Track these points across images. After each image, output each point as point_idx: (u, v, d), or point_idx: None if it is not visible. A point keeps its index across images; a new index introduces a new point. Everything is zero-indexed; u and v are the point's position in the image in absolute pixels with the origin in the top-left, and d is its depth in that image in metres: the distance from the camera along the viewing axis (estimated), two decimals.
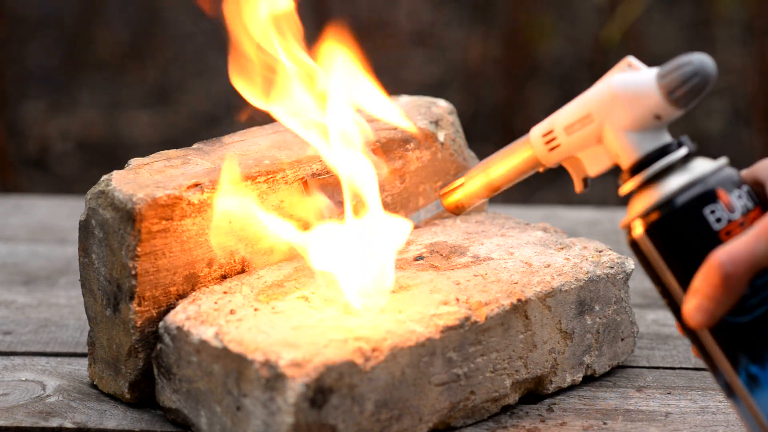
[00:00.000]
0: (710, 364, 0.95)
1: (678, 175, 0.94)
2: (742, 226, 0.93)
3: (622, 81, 0.96)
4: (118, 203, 1.10)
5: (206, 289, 1.13)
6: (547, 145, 1.02)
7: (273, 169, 1.17)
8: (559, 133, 1.00)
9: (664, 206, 0.93)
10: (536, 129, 1.03)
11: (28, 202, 1.74)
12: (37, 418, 1.12)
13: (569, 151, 1.01)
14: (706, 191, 0.93)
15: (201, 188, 1.13)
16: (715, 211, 0.93)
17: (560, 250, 1.19)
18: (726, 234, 0.92)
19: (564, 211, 1.71)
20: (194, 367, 1.07)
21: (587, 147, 1.00)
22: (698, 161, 0.95)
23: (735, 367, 0.93)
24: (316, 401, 1.01)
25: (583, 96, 0.99)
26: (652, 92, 0.95)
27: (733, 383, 0.93)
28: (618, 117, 0.96)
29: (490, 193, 1.08)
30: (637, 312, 1.32)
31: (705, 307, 0.92)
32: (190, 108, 3.40)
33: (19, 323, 1.32)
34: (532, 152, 1.03)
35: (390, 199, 1.26)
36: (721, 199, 0.93)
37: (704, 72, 0.94)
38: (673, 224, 0.93)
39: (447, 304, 1.09)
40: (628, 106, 0.96)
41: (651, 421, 1.12)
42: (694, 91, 0.94)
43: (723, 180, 0.94)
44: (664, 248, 0.94)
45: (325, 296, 1.12)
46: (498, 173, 1.07)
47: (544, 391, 1.15)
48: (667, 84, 0.95)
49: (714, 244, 0.92)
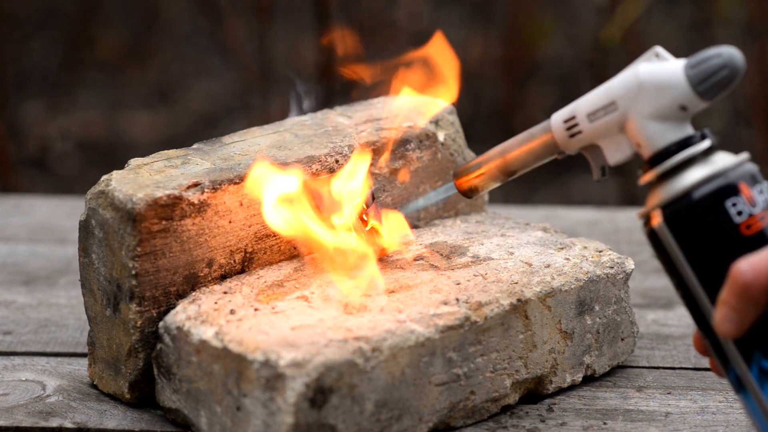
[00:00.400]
0: (722, 358, 0.95)
1: (700, 167, 0.94)
2: (763, 220, 0.93)
3: (650, 70, 0.96)
4: (118, 203, 1.10)
5: (206, 289, 1.13)
6: (568, 131, 1.01)
7: None
8: (582, 120, 1.00)
9: (686, 197, 0.94)
10: (557, 115, 1.02)
11: (28, 202, 1.74)
12: (37, 418, 1.12)
13: (591, 139, 1.01)
14: (728, 184, 0.93)
15: (201, 188, 1.13)
16: (736, 204, 0.93)
17: (560, 250, 1.19)
18: (746, 227, 0.93)
19: (564, 211, 1.71)
20: (194, 367, 1.07)
21: (609, 135, 0.99)
22: (720, 154, 0.95)
23: (748, 362, 0.93)
24: (316, 401, 1.01)
25: (607, 83, 0.99)
26: (680, 83, 0.95)
27: (744, 378, 0.94)
28: (643, 106, 0.96)
29: (505, 178, 1.08)
30: (637, 312, 1.32)
31: (732, 318, 0.92)
32: (190, 108, 3.40)
33: (19, 323, 1.32)
34: (551, 138, 1.03)
35: (390, 199, 1.26)
36: (743, 192, 0.93)
37: (733, 65, 0.95)
38: (695, 215, 0.93)
39: (447, 304, 1.09)
40: (654, 96, 0.96)
41: (651, 421, 1.12)
42: (722, 83, 0.95)
43: (745, 174, 0.94)
44: (683, 239, 0.94)
45: (325, 296, 1.12)
46: (516, 158, 1.06)
47: (544, 391, 1.15)
48: (695, 75, 0.95)
49: (734, 236, 0.93)
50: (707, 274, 0.94)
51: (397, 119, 1.26)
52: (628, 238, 1.58)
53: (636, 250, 1.52)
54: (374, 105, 1.32)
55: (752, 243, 0.93)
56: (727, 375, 0.95)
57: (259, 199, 1.15)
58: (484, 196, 1.33)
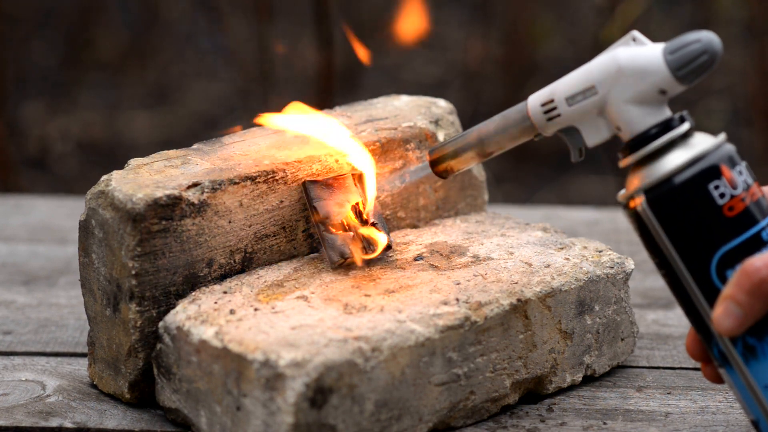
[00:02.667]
0: (705, 333, 0.96)
1: (681, 150, 0.96)
2: (744, 201, 0.94)
3: (629, 55, 0.97)
4: (118, 203, 1.10)
5: (206, 289, 1.13)
6: (546, 114, 1.02)
7: (273, 169, 1.17)
8: (560, 103, 1.01)
9: (670, 181, 0.95)
10: (534, 97, 1.03)
11: (28, 202, 1.74)
12: (37, 418, 1.12)
13: (569, 122, 1.02)
14: (710, 166, 0.95)
15: (201, 188, 1.13)
16: (719, 186, 0.94)
17: (560, 250, 1.19)
18: (729, 209, 0.94)
19: (564, 211, 1.71)
20: (194, 367, 1.07)
21: (588, 118, 1.00)
22: (698, 136, 0.97)
23: (732, 338, 0.94)
24: (316, 401, 1.01)
25: (585, 67, 1.00)
26: (659, 67, 0.96)
27: (729, 353, 0.95)
28: (623, 90, 0.97)
29: (481, 159, 1.09)
30: (637, 312, 1.32)
31: (736, 314, 0.92)
32: (190, 108, 3.40)
33: (19, 323, 1.32)
34: (529, 121, 1.04)
35: (390, 199, 1.26)
36: (725, 174, 0.94)
37: (712, 50, 0.96)
38: (678, 199, 0.94)
39: (447, 304, 1.09)
40: (633, 80, 0.97)
41: (651, 421, 1.12)
42: (702, 68, 0.96)
43: (725, 156, 0.95)
44: (667, 222, 0.95)
45: (325, 296, 1.12)
46: (492, 140, 1.07)
47: (544, 391, 1.15)
48: (675, 60, 0.96)
49: (718, 218, 0.94)
50: (692, 255, 0.95)
51: (398, 119, 1.26)
52: (628, 238, 1.58)
53: (636, 250, 1.52)
54: (374, 105, 1.32)
55: (735, 224, 0.94)
56: (711, 350, 0.96)
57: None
58: (484, 196, 1.33)
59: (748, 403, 0.96)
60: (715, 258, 0.94)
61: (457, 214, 1.31)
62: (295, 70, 3.38)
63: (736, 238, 0.94)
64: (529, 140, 1.06)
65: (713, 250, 0.94)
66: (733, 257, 0.94)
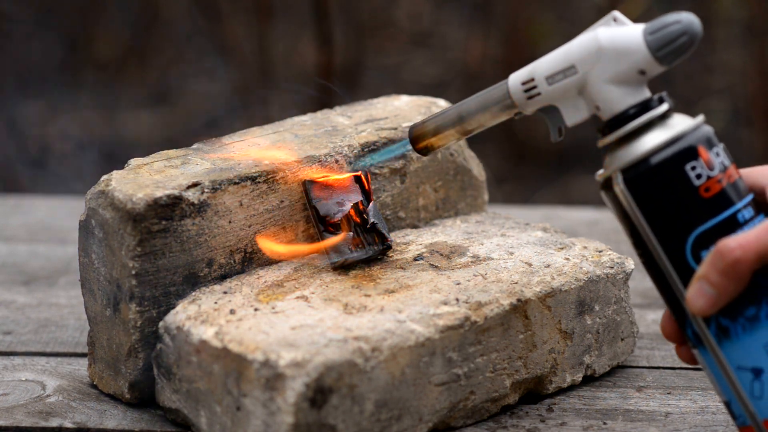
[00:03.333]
0: (680, 314, 0.97)
1: (659, 130, 0.97)
2: (720, 182, 0.95)
3: (610, 35, 0.98)
4: (118, 203, 1.10)
5: (206, 289, 1.13)
6: (526, 93, 1.03)
7: (273, 169, 1.17)
8: (540, 82, 1.02)
9: (646, 161, 0.96)
10: (515, 76, 1.04)
11: (28, 202, 1.74)
12: (37, 418, 1.12)
13: (549, 100, 1.02)
14: (687, 147, 0.95)
15: (201, 188, 1.13)
16: (695, 167, 0.95)
17: (560, 250, 1.19)
18: (705, 190, 0.95)
19: (564, 211, 1.71)
20: (194, 367, 1.07)
21: (567, 97, 1.01)
22: (677, 117, 0.97)
23: (706, 319, 0.95)
24: (316, 401, 1.01)
25: (566, 47, 1.00)
26: (640, 48, 0.97)
27: (702, 334, 0.95)
28: (602, 70, 0.98)
29: (461, 137, 1.10)
30: (637, 312, 1.32)
31: (709, 294, 0.93)
32: (190, 108, 3.40)
33: (19, 323, 1.32)
34: (509, 99, 1.04)
35: (390, 199, 1.26)
36: (702, 156, 0.95)
37: (692, 31, 0.96)
38: (655, 179, 0.95)
39: (447, 304, 1.09)
40: (613, 60, 0.97)
41: (651, 421, 1.12)
42: (681, 49, 0.97)
43: (702, 137, 0.96)
44: (643, 202, 0.96)
45: (325, 296, 1.12)
46: (473, 117, 1.08)
47: (544, 391, 1.15)
48: (655, 40, 0.97)
49: (694, 199, 0.94)
50: (667, 235, 0.95)
51: (398, 119, 1.26)
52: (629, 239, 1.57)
53: None
54: (374, 105, 1.32)
55: (711, 205, 0.95)
56: (685, 331, 0.97)
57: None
58: (484, 196, 1.33)
59: (721, 384, 0.96)
60: (691, 238, 0.95)
61: (457, 214, 1.31)
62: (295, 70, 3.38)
63: (712, 219, 0.95)
64: (509, 119, 1.07)
65: (689, 230, 0.95)
66: (708, 238, 0.94)
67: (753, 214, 0.96)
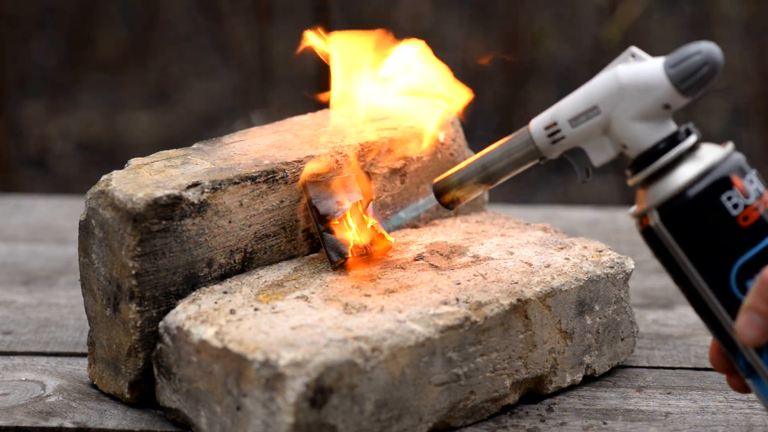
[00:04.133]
0: (730, 345, 0.95)
1: (690, 163, 0.95)
2: (758, 209, 0.94)
3: (630, 72, 0.97)
4: (118, 203, 1.10)
5: (206, 289, 1.13)
6: (550, 137, 1.02)
7: (273, 169, 1.17)
8: (564, 126, 1.01)
9: (682, 195, 0.94)
10: (537, 121, 1.03)
11: (28, 202, 1.74)
12: (37, 418, 1.12)
13: (573, 143, 1.01)
14: (721, 178, 0.94)
15: (201, 188, 1.13)
16: (731, 197, 0.94)
17: (560, 250, 1.19)
18: (744, 219, 0.94)
19: (564, 211, 1.71)
20: (194, 367, 1.07)
21: (592, 138, 1.00)
22: (706, 148, 0.96)
23: (758, 348, 0.94)
24: (316, 401, 1.01)
25: (587, 87, 0.99)
26: (662, 82, 0.96)
27: (755, 363, 0.95)
28: (626, 108, 0.97)
29: (487, 188, 1.09)
30: (637, 312, 1.32)
31: (759, 323, 0.92)
32: (190, 108, 3.40)
33: (19, 323, 1.32)
34: (533, 145, 1.03)
35: (390, 199, 1.26)
36: (736, 185, 0.94)
37: (713, 61, 0.95)
38: (692, 213, 0.94)
39: (447, 304, 1.09)
40: (636, 97, 0.96)
41: (651, 421, 1.12)
42: (704, 80, 0.96)
43: (734, 166, 0.95)
44: (682, 237, 0.95)
45: (325, 296, 1.12)
46: (497, 167, 1.06)
47: (544, 391, 1.15)
48: (676, 74, 0.95)
49: (733, 229, 0.94)
50: (710, 268, 0.94)
51: (398, 119, 1.26)
52: (628, 238, 1.58)
53: (636, 250, 1.52)
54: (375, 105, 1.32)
55: (751, 233, 0.94)
56: (736, 361, 0.96)
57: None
58: (484, 196, 1.33)
59: None
60: (734, 269, 0.94)
61: (457, 214, 1.31)
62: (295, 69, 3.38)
63: (754, 248, 0.94)
64: (534, 165, 1.05)
65: (731, 261, 0.94)
66: (752, 267, 0.93)
67: None
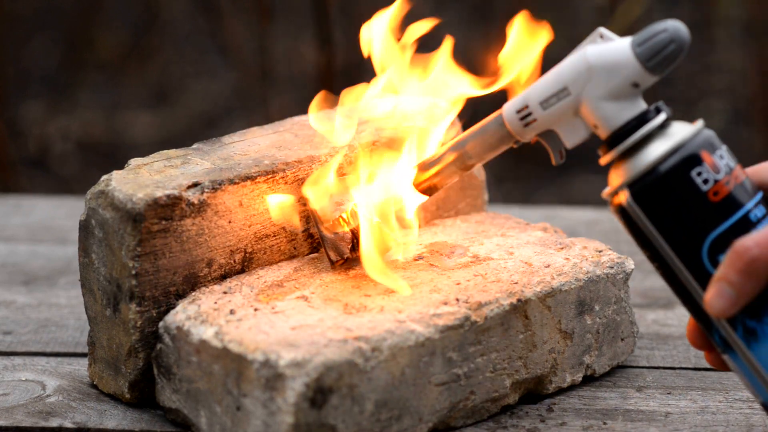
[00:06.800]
0: (705, 321, 0.96)
1: (660, 140, 0.97)
2: (728, 185, 0.95)
3: (598, 52, 0.98)
4: (118, 203, 1.10)
5: (206, 289, 1.13)
6: (522, 120, 1.03)
7: (273, 169, 1.17)
8: (535, 108, 1.02)
9: (652, 172, 0.96)
10: (509, 105, 1.04)
11: (28, 202, 1.74)
12: (37, 418, 1.12)
13: (545, 125, 1.02)
14: (691, 154, 0.95)
15: (201, 188, 1.13)
16: (701, 173, 0.95)
17: (560, 250, 1.19)
18: (714, 194, 0.95)
19: (564, 211, 1.71)
20: (194, 367, 1.07)
21: (564, 120, 1.01)
22: (676, 125, 0.98)
23: (732, 323, 0.94)
24: (316, 401, 1.01)
25: (556, 69, 1.01)
26: (629, 61, 0.97)
27: (730, 338, 0.95)
28: (596, 88, 0.98)
29: (463, 173, 1.10)
30: (637, 312, 1.32)
31: (728, 294, 0.93)
32: (190, 108, 3.40)
33: (19, 323, 1.32)
34: (506, 129, 1.04)
35: None
36: (706, 160, 0.95)
37: (680, 38, 0.97)
38: (663, 189, 0.95)
39: (447, 304, 1.09)
40: (605, 77, 0.98)
41: (651, 421, 1.12)
42: (671, 57, 0.97)
43: (705, 142, 0.96)
44: (654, 213, 0.96)
45: (325, 296, 1.12)
46: (472, 152, 1.08)
47: (544, 391, 1.15)
48: (643, 52, 0.97)
49: (703, 205, 0.94)
50: (682, 244, 0.95)
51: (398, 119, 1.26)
52: (628, 238, 1.57)
53: (636, 250, 1.51)
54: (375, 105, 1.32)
55: (722, 208, 0.95)
56: (712, 336, 0.97)
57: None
58: (484, 196, 1.33)
59: (756, 386, 0.96)
60: (706, 244, 0.95)
61: (457, 214, 1.31)
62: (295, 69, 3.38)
63: (724, 222, 0.95)
64: (508, 148, 1.07)
65: (703, 236, 0.95)
66: (723, 242, 0.94)
67: (765, 212, 0.95)
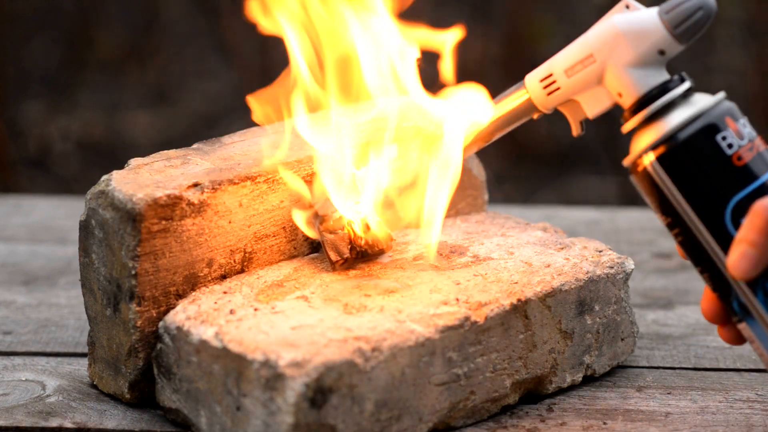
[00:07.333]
0: (723, 288, 0.96)
1: (685, 107, 0.97)
2: (751, 151, 0.96)
3: (626, 19, 0.99)
4: (118, 203, 1.10)
5: (206, 289, 1.13)
6: (545, 89, 1.04)
7: (273, 169, 1.17)
8: (559, 76, 1.02)
9: (678, 135, 0.96)
10: (532, 75, 1.05)
11: (28, 202, 1.74)
12: (37, 418, 1.12)
13: (569, 94, 1.03)
14: (717, 119, 0.96)
15: (201, 188, 1.13)
16: (726, 137, 0.96)
17: (560, 250, 1.19)
18: (738, 159, 0.95)
19: (564, 211, 1.71)
20: (194, 367, 1.07)
21: (587, 88, 1.01)
22: (698, 95, 0.99)
23: (753, 287, 0.94)
24: (316, 401, 1.01)
25: (582, 38, 1.01)
26: (657, 28, 0.98)
27: (750, 303, 0.95)
28: (621, 54, 0.99)
29: (483, 144, 1.10)
30: (637, 312, 1.32)
31: (750, 255, 0.93)
32: (190, 108, 3.40)
33: (19, 323, 1.32)
34: (527, 98, 1.05)
35: None
36: (731, 126, 0.96)
37: (707, 6, 0.98)
38: (689, 152, 0.96)
39: (447, 304, 1.09)
40: (632, 43, 0.98)
41: (651, 421, 1.12)
42: (698, 25, 0.98)
43: (729, 110, 0.97)
44: (679, 176, 0.96)
45: (325, 296, 1.12)
46: (493, 123, 1.09)
47: (544, 391, 1.15)
48: (671, 19, 0.98)
49: (728, 168, 0.95)
50: (705, 207, 0.96)
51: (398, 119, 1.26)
52: (628, 238, 1.58)
53: (636, 250, 1.52)
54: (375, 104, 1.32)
55: (745, 173, 0.96)
56: (730, 305, 0.97)
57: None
58: (484, 196, 1.33)
59: None
60: (729, 207, 0.95)
61: (457, 214, 1.31)
62: None
63: (748, 187, 0.95)
64: (528, 119, 1.07)
65: (726, 199, 0.95)
66: (746, 206, 0.95)
67: None
